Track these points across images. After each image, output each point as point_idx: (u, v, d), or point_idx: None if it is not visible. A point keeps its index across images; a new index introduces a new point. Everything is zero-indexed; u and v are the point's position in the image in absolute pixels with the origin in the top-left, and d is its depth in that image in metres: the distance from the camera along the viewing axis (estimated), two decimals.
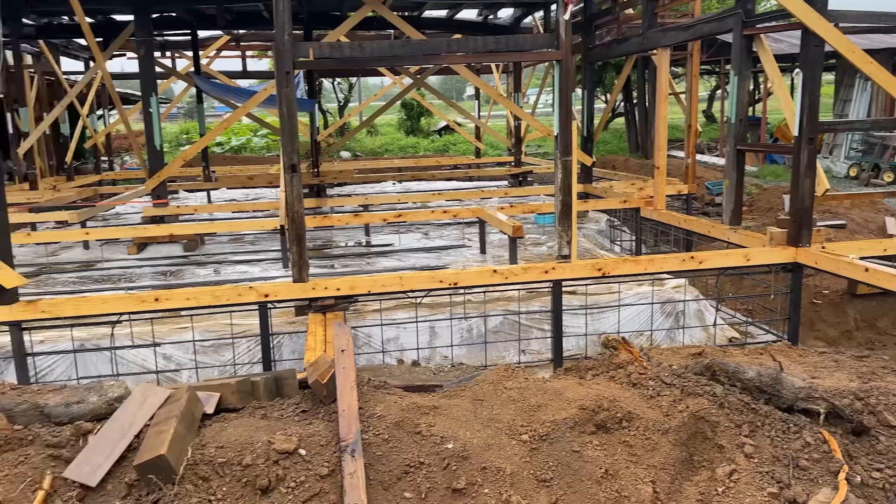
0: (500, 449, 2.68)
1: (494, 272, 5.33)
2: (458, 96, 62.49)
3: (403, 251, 8.09)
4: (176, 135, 27.54)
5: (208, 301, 4.91)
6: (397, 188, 13.90)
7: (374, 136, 27.14)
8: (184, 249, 8.42)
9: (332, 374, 2.88)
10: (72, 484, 2.44)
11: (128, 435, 2.57)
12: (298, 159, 4.94)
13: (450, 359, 5.65)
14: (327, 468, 2.54)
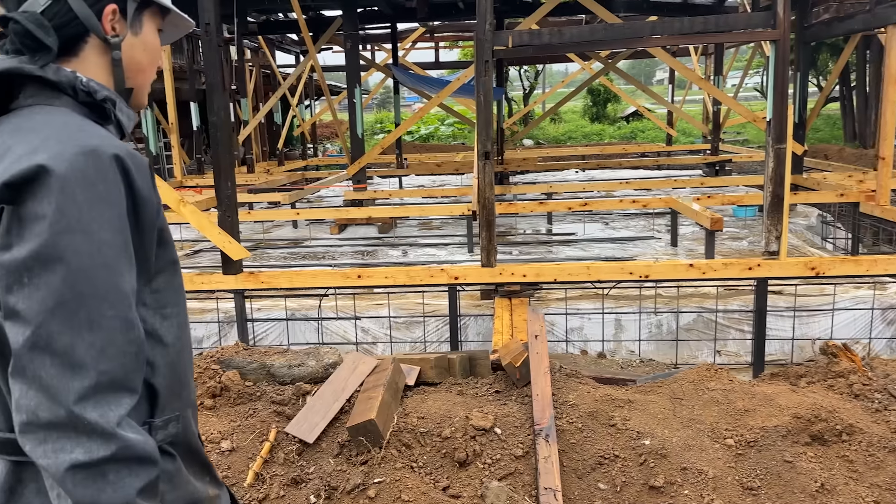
0: (701, 451, 2.56)
1: (691, 266, 5.08)
2: (646, 80, 59.93)
3: (587, 240, 7.96)
4: (371, 124, 29.21)
5: (403, 280, 5.17)
6: (581, 176, 13.69)
7: (557, 123, 26.89)
8: (378, 231, 8.93)
9: (526, 358, 2.91)
10: (292, 438, 2.69)
11: (340, 398, 2.78)
12: (493, 147, 5.03)
13: (636, 354, 5.48)
14: (521, 449, 2.58)
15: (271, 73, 14.91)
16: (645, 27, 4.67)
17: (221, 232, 5.11)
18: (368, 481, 2.47)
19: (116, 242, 1.05)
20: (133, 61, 1.24)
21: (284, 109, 15.43)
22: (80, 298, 1.01)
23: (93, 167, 1.04)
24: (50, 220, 0.99)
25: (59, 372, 0.99)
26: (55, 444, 0.99)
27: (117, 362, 1.03)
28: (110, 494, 1.00)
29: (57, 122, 1.10)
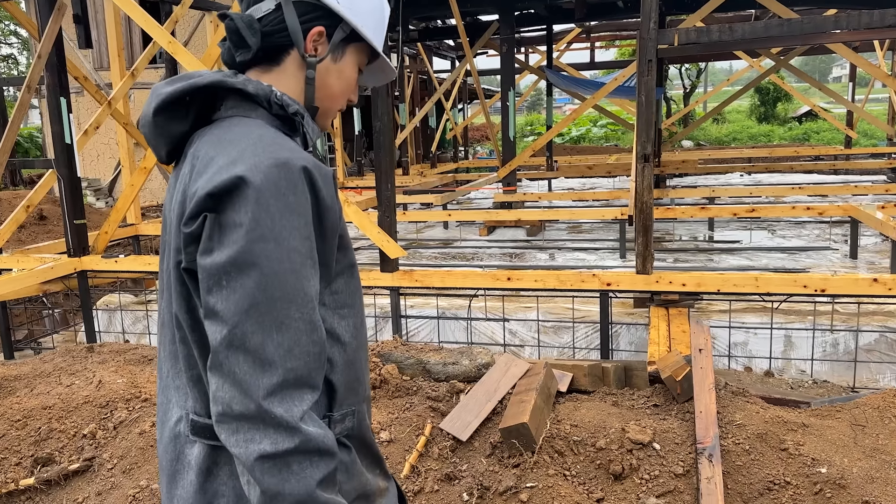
0: (886, 484, 2.32)
1: (875, 281, 4.61)
2: (821, 77, 55.12)
3: (752, 249, 7.46)
4: (521, 126, 29.27)
5: (554, 284, 5.13)
6: (746, 180, 12.85)
7: (720, 123, 25.45)
8: (527, 234, 8.92)
9: (688, 372, 2.79)
10: (446, 435, 2.76)
11: (493, 399, 2.81)
12: (652, 149, 4.86)
13: (808, 374, 5.06)
14: (682, 468, 2.47)
15: (427, 78, 15.37)
16: (827, 21, 4.30)
17: (381, 231, 5.34)
18: (521, 485, 2.48)
19: (303, 249, 1.14)
20: (325, 85, 1.32)
21: (438, 113, 15.85)
22: (272, 301, 1.10)
23: (284, 179, 1.12)
24: (246, 228, 1.09)
25: (251, 368, 1.08)
26: (246, 434, 1.08)
27: (302, 361, 1.12)
28: (294, 484, 1.08)
29: (254, 135, 1.19)
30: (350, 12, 1.28)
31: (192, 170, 1.19)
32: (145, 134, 1.29)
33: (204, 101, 1.27)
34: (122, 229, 7.54)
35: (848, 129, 14.09)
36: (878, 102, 23.39)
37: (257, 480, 1.08)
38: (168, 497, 1.30)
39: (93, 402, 3.08)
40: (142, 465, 2.78)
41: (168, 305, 1.25)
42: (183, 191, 1.19)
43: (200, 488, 1.24)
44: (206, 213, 1.12)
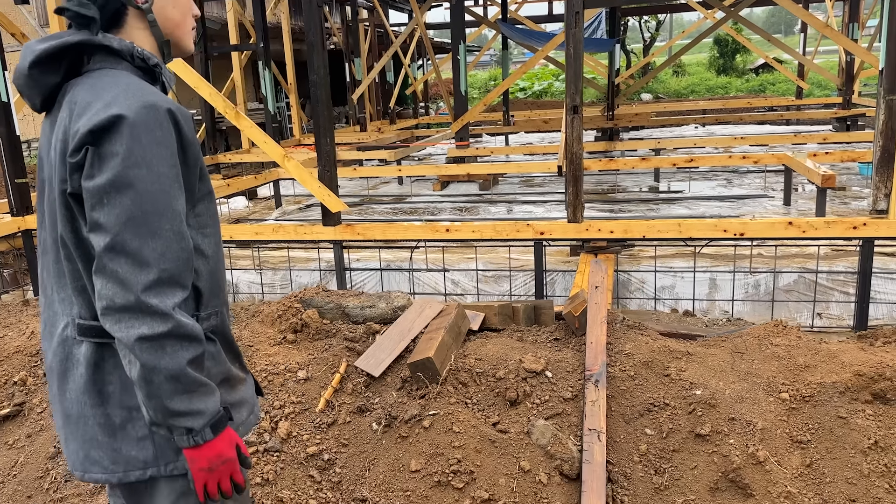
0: (753, 403, 2.56)
1: (790, 224, 4.85)
2: (787, 28, 55.30)
3: (693, 198, 7.70)
4: (484, 81, 29.13)
5: (490, 235, 5.30)
6: (699, 132, 13.09)
7: (680, 76, 25.62)
8: (479, 188, 9.06)
9: (585, 308, 2.98)
10: (360, 372, 2.93)
11: (406, 338, 2.99)
12: (581, 101, 4.99)
13: (729, 314, 5.34)
14: (571, 393, 2.68)
15: (384, 32, 15.22)
16: None
17: (321, 185, 5.43)
18: (424, 413, 2.67)
19: (170, 174, 1.39)
20: (167, 18, 1.53)
21: (397, 69, 15.75)
22: (146, 215, 1.35)
23: (153, 118, 1.37)
24: (122, 156, 1.34)
25: (130, 268, 1.34)
26: (127, 322, 1.34)
27: (173, 264, 1.37)
28: (167, 361, 1.35)
29: (122, 83, 1.41)
30: None
31: (71, 113, 1.40)
32: (19, 86, 1.48)
33: (74, 57, 1.46)
34: None
35: (800, 80, 14.34)
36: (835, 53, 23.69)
37: (137, 358, 1.34)
38: (59, 394, 1.53)
39: (24, 351, 3.19)
40: None
41: (52, 232, 1.50)
42: (64, 131, 1.41)
43: (90, 379, 1.48)
44: (87, 146, 1.35)
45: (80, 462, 1.51)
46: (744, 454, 2.39)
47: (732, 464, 2.37)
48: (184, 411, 1.38)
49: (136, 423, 1.48)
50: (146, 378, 1.35)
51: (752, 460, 2.37)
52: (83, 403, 1.49)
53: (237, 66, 10.98)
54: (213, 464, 1.43)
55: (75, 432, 1.51)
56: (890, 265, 5.07)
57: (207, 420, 1.41)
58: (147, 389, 1.36)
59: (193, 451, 1.42)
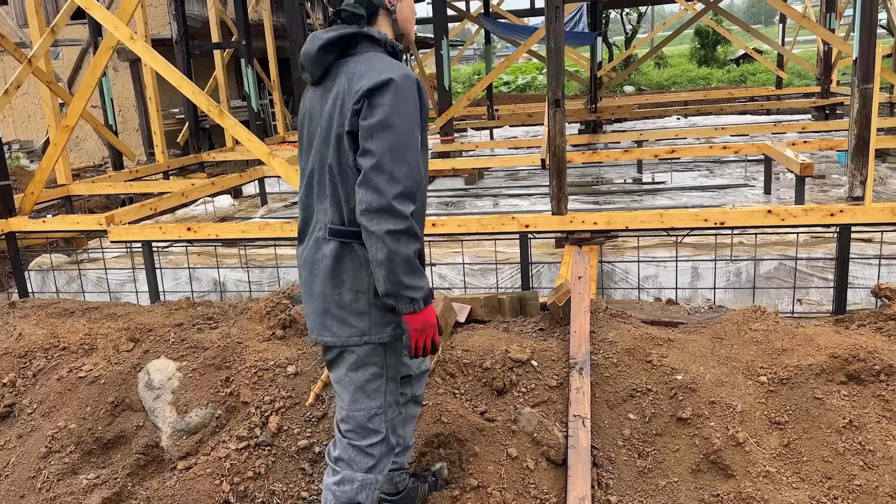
0: (733, 387, 2.63)
1: (769, 212, 4.94)
2: (768, 18, 55.71)
3: (676, 189, 7.79)
4: (469, 76, 29.14)
5: (476, 228, 5.35)
6: (681, 123, 13.20)
7: (662, 68, 25.76)
8: (465, 182, 9.10)
9: (570, 298, 3.04)
10: None
11: None
12: (563, 94, 5.05)
13: (711, 301, 5.42)
14: (556, 381, 2.74)
15: None
16: None
17: None
18: None
19: (415, 123, 1.97)
20: (404, 18, 2.14)
21: None
22: (400, 147, 1.91)
23: (409, 82, 1.95)
24: (388, 105, 1.91)
25: (386, 182, 1.89)
26: (379, 219, 1.89)
27: (413, 182, 1.94)
28: (404, 248, 1.90)
29: (386, 60, 2.01)
30: None
31: (350, 79, 1.99)
32: (306, 64, 2.08)
33: (346, 43, 2.04)
34: (52, 190, 7.48)
35: (779, 70, 14.49)
36: (813, 43, 23.92)
37: (385, 244, 1.89)
38: (309, 279, 2.11)
39: (12, 353, 3.21)
40: (60, 408, 2.94)
41: (317, 163, 2.09)
42: (345, 91, 1.99)
43: (332, 268, 2.05)
44: (365, 98, 1.93)
45: (317, 328, 2.11)
46: (724, 436, 2.46)
47: (713, 446, 2.44)
48: (411, 285, 1.93)
49: (360, 303, 2.03)
50: (390, 258, 1.90)
51: (732, 442, 2.45)
52: (325, 285, 2.05)
53: (220, 63, 10.94)
54: (424, 326, 1.97)
55: (317, 306, 2.09)
56: (867, 251, 5.17)
57: (424, 293, 1.97)
58: (389, 267, 1.91)
59: (413, 315, 1.96)
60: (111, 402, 2.98)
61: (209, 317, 3.45)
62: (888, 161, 8.09)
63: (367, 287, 2.02)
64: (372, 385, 2.10)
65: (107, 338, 3.32)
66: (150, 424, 2.95)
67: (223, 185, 7.33)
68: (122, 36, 5.22)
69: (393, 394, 2.15)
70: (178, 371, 3.03)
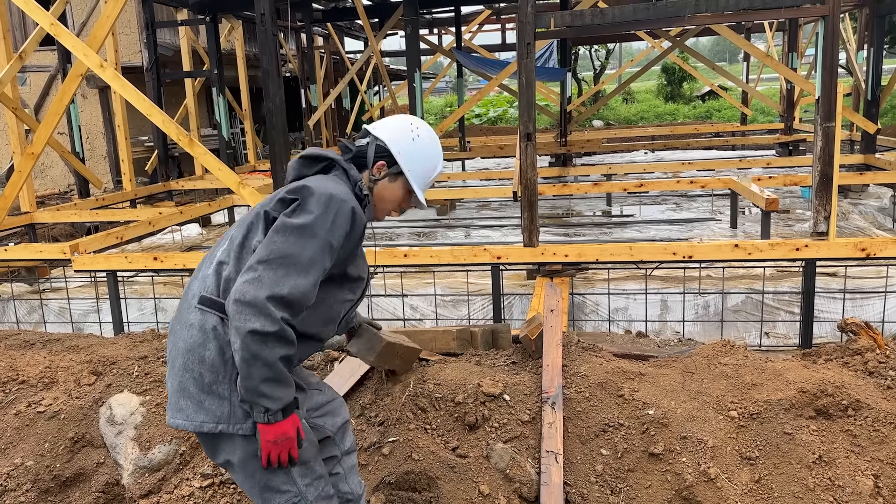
0: (704, 422, 2.63)
1: (736, 247, 5.03)
2: (732, 56, 57.41)
3: (644, 222, 7.90)
4: (441, 108, 29.44)
5: (448, 260, 5.35)
6: (649, 157, 13.45)
7: (629, 103, 26.32)
8: (437, 213, 9.12)
9: (542, 331, 3.04)
10: None
11: (356, 374, 3.00)
12: (534, 128, 5.11)
13: (681, 334, 5.47)
14: (528, 415, 2.72)
15: (340, 59, 15.30)
16: (688, 5, 4.63)
17: None
18: (384, 440, 2.67)
19: (327, 247, 1.88)
20: (380, 195, 2.13)
21: (353, 95, 15.82)
22: (304, 258, 1.82)
23: (346, 208, 1.90)
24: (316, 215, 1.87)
25: (271, 280, 1.78)
26: (247, 315, 1.76)
27: (299, 297, 1.81)
28: (267, 352, 1.76)
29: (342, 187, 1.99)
30: (402, 159, 2.10)
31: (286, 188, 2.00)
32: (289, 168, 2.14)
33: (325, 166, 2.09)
34: (15, 217, 7.31)
35: (743, 106, 14.90)
36: (776, 81, 24.67)
37: (246, 345, 1.76)
38: (173, 351, 1.95)
39: None
40: (17, 443, 2.83)
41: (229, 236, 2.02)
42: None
43: (197, 337, 1.90)
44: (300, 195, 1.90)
45: (171, 407, 1.93)
46: (696, 472, 2.46)
47: (685, 482, 2.44)
48: (269, 394, 1.79)
49: (221, 386, 1.87)
50: (248, 362, 1.76)
51: (704, 478, 2.44)
52: (186, 359, 1.90)
53: (191, 92, 10.89)
54: (278, 439, 1.83)
55: (174, 382, 1.92)
56: (831, 285, 5.28)
57: (283, 404, 1.82)
58: (246, 371, 1.77)
59: (266, 426, 1.82)
60: (71, 437, 2.88)
61: None
62: (850, 196, 8.31)
63: (231, 369, 1.87)
64: (276, 479, 1.93)
65: (68, 371, 3.22)
66: (112, 461, 2.85)
67: (192, 213, 7.24)
68: (91, 64, 5.17)
69: (308, 473, 1.99)
70: (141, 406, 2.94)
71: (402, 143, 2.10)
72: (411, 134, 2.12)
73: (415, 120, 2.18)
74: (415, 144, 2.11)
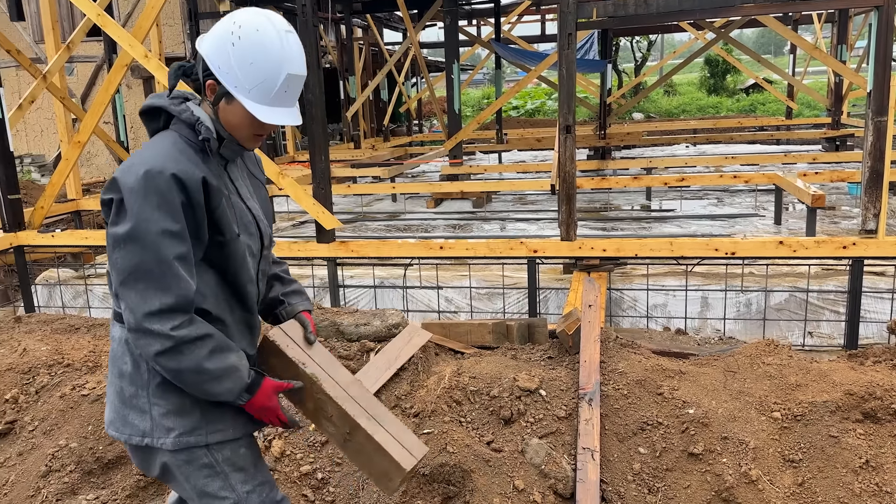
0: (746, 422, 2.57)
1: (780, 244, 4.90)
2: (777, 49, 55.97)
3: (685, 217, 7.76)
4: (478, 99, 29.32)
5: (484, 252, 5.32)
6: (690, 151, 13.20)
7: (671, 96, 25.85)
8: (473, 206, 9.10)
9: (579, 326, 3.00)
10: None
11: (392, 367, 2.99)
12: (574, 120, 5.05)
13: (721, 332, 5.36)
14: (565, 411, 2.69)
15: (379, 50, 15.32)
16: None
17: (315, 203, 5.45)
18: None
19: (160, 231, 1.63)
20: (225, 119, 1.75)
21: (391, 87, 15.84)
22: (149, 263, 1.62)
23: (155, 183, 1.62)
24: (134, 212, 1.62)
25: (136, 302, 1.62)
26: (142, 342, 1.63)
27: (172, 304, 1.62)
28: (185, 361, 1.64)
29: (162, 144, 1.70)
30: (223, 74, 1.69)
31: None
32: None
33: (153, 118, 1.80)
34: (62, 204, 7.50)
35: (789, 100, 14.50)
36: (824, 73, 23.97)
37: (163, 368, 1.65)
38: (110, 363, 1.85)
39: (16, 368, 3.18)
40: (62, 425, 2.90)
41: None
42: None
43: (115, 354, 1.81)
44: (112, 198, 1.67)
45: (106, 419, 1.84)
46: (737, 473, 2.41)
47: (725, 483, 2.39)
48: (217, 392, 1.70)
49: (140, 399, 1.76)
50: (177, 378, 1.67)
51: (745, 479, 2.39)
52: (111, 373, 1.82)
53: None
54: (259, 413, 1.78)
55: (109, 393, 1.84)
56: (879, 284, 5.12)
57: (238, 392, 1.72)
58: (183, 384, 1.69)
59: (245, 406, 1.76)
60: None
61: None
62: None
63: (147, 382, 1.74)
64: (212, 486, 1.80)
65: None
66: None
67: None
68: (136, 54, 5.26)
69: (249, 479, 1.84)
70: None
71: (221, 54, 1.68)
72: (230, 38, 1.67)
73: (241, 15, 1.70)
74: (235, 50, 1.66)
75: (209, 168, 1.72)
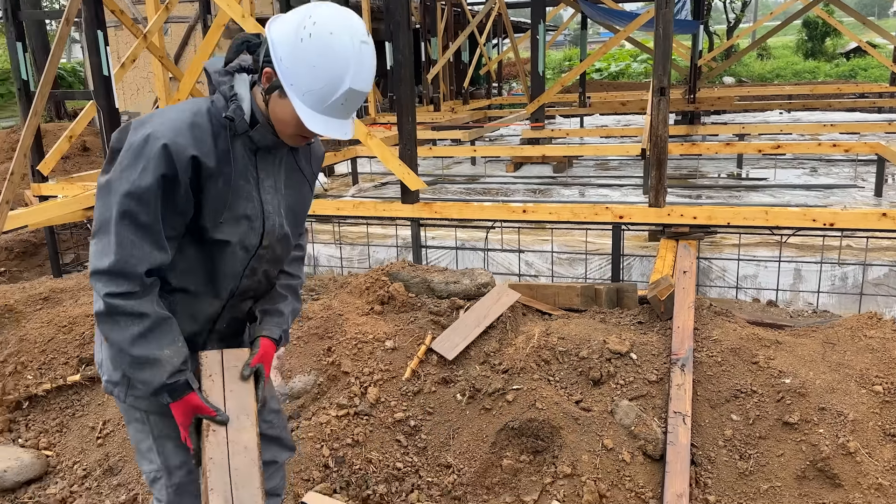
0: (844, 394, 2.51)
1: (884, 216, 4.67)
2: (881, 10, 52.24)
3: (778, 186, 7.46)
4: (559, 62, 28.69)
5: (568, 217, 5.29)
6: (784, 118, 12.59)
7: (765, 59, 24.57)
8: (553, 170, 9.00)
9: (672, 292, 2.98)
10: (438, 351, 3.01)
11: (482, 324, 3.05)
12: (668, 82, 4.91)
13: (814, 305, 5.18)
14: (656, 376, 2.70)
15: (461, 11, 15.18)
16: None
17: (401, 164, 5.53)
18: (507, 387, 2.73)
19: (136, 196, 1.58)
20: (272, 111, 1.63)
21: (472, 48, 15.70)
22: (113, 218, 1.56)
23: (150, 148, 1.55)
24: (118, 166, 1.59)
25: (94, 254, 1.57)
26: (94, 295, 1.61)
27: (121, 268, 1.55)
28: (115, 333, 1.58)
29: (182, 112, 1.65)
30: (283, 68, 1.56)
31: None
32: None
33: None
34: None
35: (894, 65, 13.56)
36: None
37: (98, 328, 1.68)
38: None
39: None
40: None
41: None
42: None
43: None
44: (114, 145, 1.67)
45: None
46: (833, 444, 2.37)
47: (822, 453, 2.35)
48: (135, 377, 1.63)
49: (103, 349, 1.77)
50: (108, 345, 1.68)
51: (842, 451, 2.35)
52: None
53: None
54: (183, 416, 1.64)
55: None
56: None
57: (156, 388, 1.60)
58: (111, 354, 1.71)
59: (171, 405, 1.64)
60: None
61: (311, 288, 3.57)
62: None
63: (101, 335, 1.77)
64: (143, 445, 1.79)
65: None
66: None
67: None
68: (234, 14, 5.42)
69: (176, 455, 1.78)
70: None
71: (286, 46, 1.54)
72: (301, 32, 1.53)
73: (320, 10, 1.55)
74: (302, 47, 1.52)
75: (217, 147, 1.61)
